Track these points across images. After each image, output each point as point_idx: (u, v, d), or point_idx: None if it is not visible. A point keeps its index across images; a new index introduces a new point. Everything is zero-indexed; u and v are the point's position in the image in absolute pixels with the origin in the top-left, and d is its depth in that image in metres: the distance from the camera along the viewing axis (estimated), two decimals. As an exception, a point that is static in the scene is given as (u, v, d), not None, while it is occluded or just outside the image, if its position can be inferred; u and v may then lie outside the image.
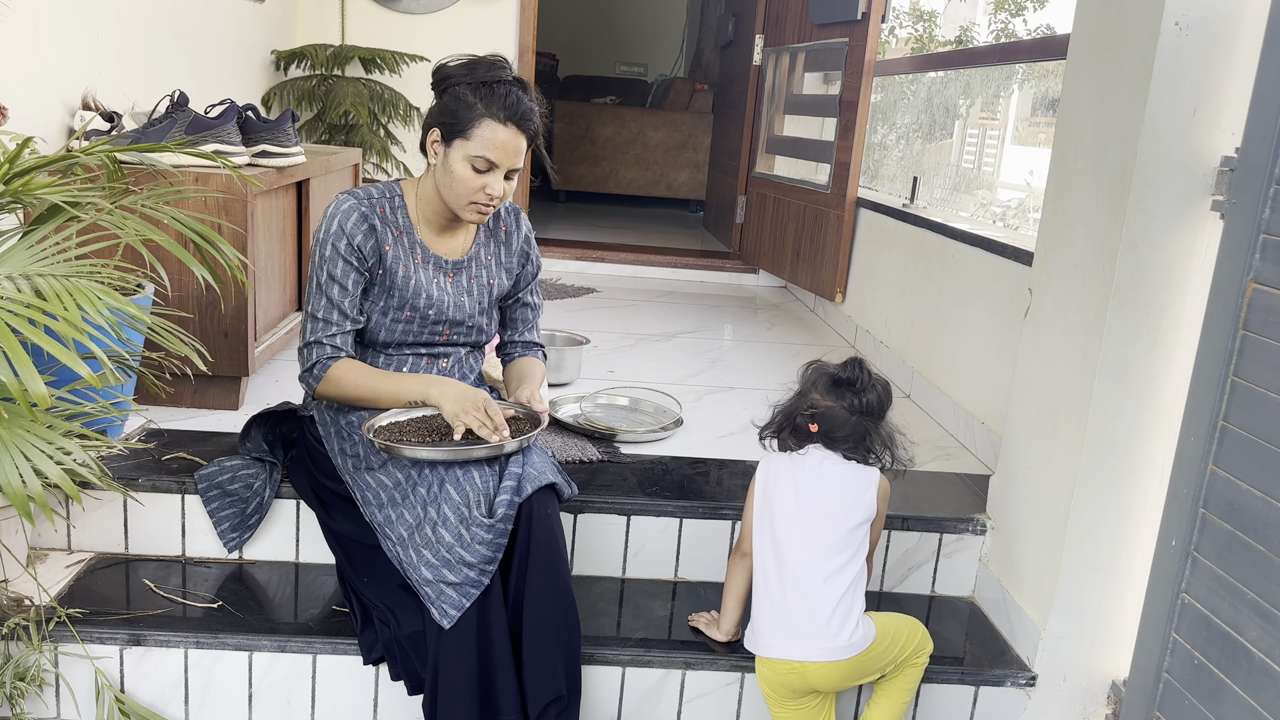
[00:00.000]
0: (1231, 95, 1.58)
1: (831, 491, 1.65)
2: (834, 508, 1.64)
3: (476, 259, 1.86)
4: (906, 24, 7.73)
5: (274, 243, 2.49)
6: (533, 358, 1.98)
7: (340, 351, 1.75)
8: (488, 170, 1.68)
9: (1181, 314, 1.67)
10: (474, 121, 1.66)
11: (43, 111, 2.25)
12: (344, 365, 1.74)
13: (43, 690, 1.71)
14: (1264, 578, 1.40)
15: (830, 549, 1.62)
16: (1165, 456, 1.69)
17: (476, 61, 1.70)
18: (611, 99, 7.22)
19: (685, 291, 4.41)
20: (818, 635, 1.60)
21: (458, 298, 1.82)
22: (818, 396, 1.69)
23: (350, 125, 3.99)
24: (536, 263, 1.95)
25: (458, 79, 1.69)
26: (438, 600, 1.56)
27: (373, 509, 1.68)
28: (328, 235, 1.72)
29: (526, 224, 1.94)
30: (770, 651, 1.64)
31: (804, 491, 1.65)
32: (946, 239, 2.90)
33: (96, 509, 1.92)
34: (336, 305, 1.73)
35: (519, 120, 1.68)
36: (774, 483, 1.69)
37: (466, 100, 1.67)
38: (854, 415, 1.67)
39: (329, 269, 1.72)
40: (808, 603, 1.61)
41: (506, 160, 1.69)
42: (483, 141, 1.67)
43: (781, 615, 1.63)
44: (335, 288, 1.73)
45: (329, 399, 1.78)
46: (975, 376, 2.61)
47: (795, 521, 1.65)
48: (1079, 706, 1.84)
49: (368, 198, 1.76)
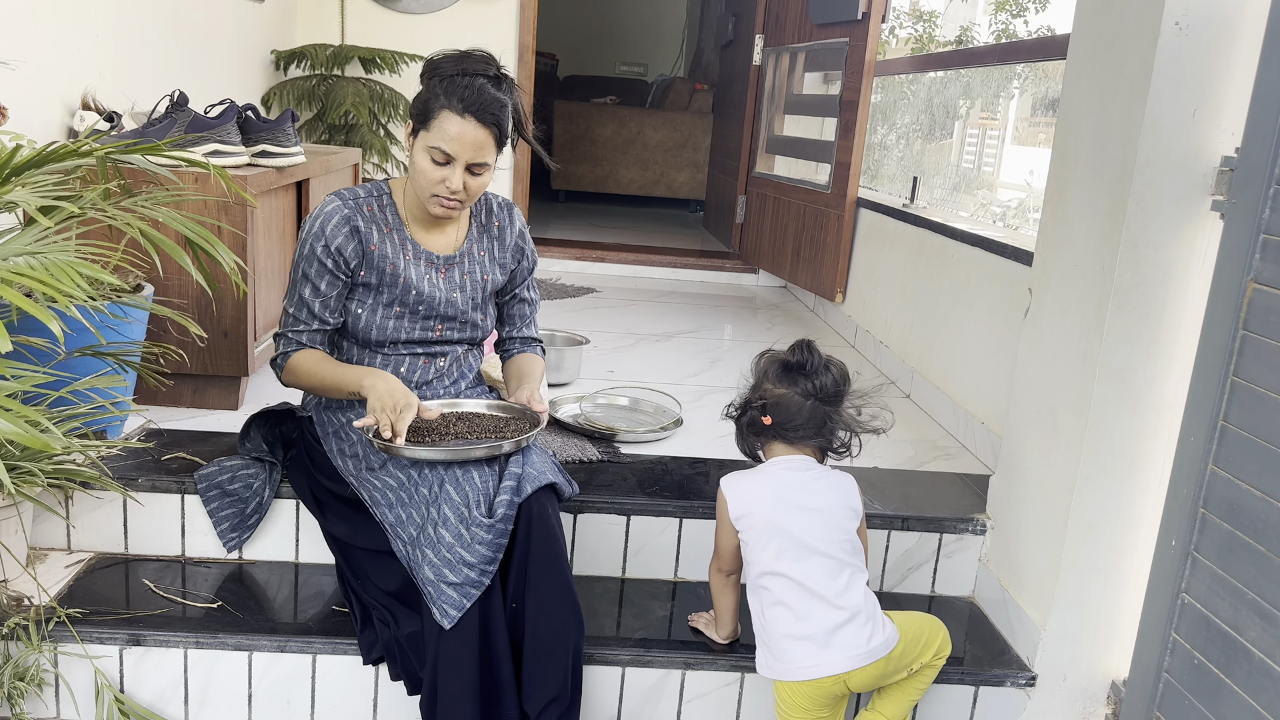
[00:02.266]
0: (1231, 95, 1.58)
1: (824, 506, 1.62)
2: (830, 520, 1.61)
3: (469, 254, 1.85)
4: (906, 24, 7.74)
5: (273, 243, 2.49)
6: (532, 354, 1.98)
7: (303, 347, 1.77)
8: (446, 163, 1.66)
9: (1181, 314, 1.67)
10: (434, 112, 1.65)
11: (43, 111, 2.25)
12: (302, 355, 1.77)
13: (42, 690, 1.71)
14: (1264, 578, 1.40)
15: (839, 556, 1.60)
16: (1165, 456, 1.69)
17: (457, 55, 1.69)
18: (611, 99, 7.22)
19: (685, 291, 4.41)
20: (852, 642, 1.56)
21: (450, 293, 1.82)
22: (770, 386, 1.65)
23: (350, 125, 4.00)
24: (532, 258, 1.95)
25: (432, 71, 1.68)
26: (438, 600, 1.56)
27: (383, 509, 1.68)
28: (308, 235, 1.74)
29: (520, 219, 1.93)
30: (810, 673, 1.57)
31: (796, 510, 1.61)
32: (946, 239, 2.90)
33: (96, 509, 1.92)
34: (307, 304, 1.75)
35: (477, 111, 1.64)
36: (754, 510, 1.63)
37: (433, 91, 1.66)
38: (808, 400, 1.62)
39: (304, 268, 1.74)
40: (836, 613, 1.57)
41: (464, 153, 1.66)
42: (439, 132, 1.65)
43: (813, 634, 1.57)
44: (308, 287, 1.75)
45: (294, 387, 1.82)
46: (975, 376, 2.61)
47: (796, 541, 1.60)
48: (1079, 706, 1.84)
49: (354, 198, 1.76)
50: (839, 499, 1.64)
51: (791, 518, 1.61)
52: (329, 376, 1.74)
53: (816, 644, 1.57)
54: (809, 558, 1.59)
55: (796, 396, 1.63)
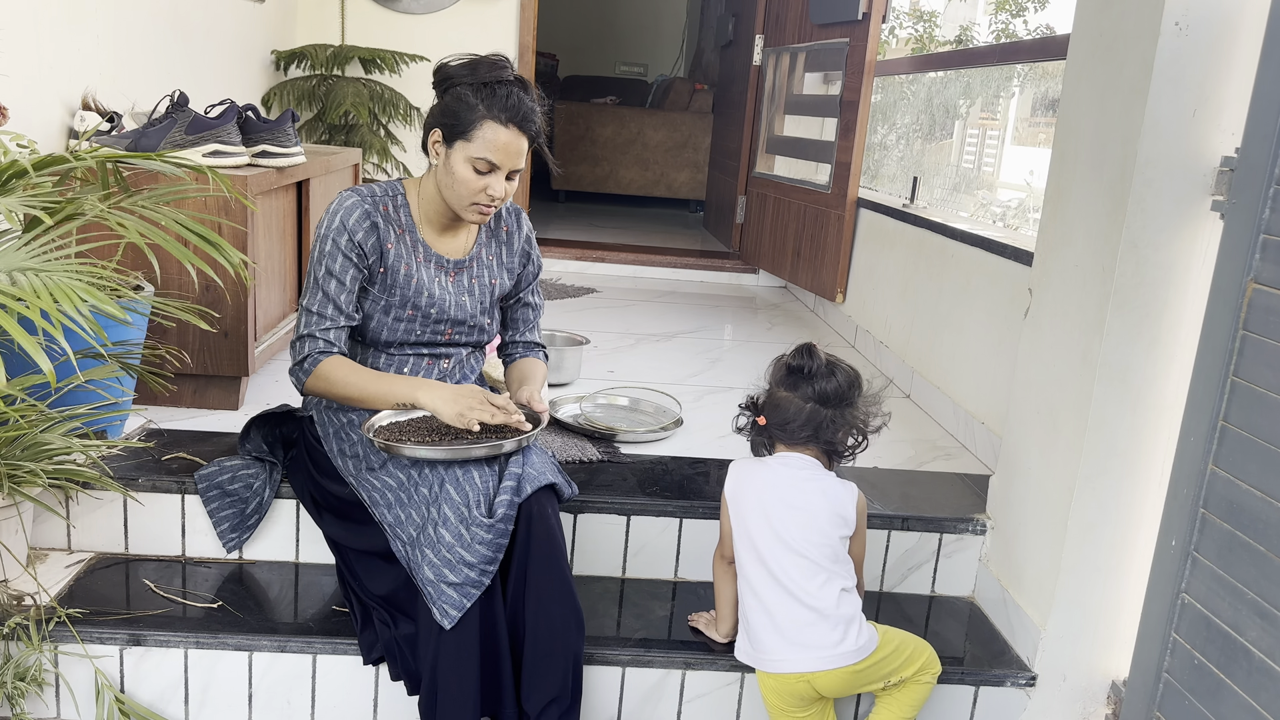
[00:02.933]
0: (1231, 95, 1.58)
1: (809, 508, 1.63)
2: (812, 522, 1.63)
3: (479, 259, 1.86)
4: (906, 24, 7.73)
5: (274, 243, 2.49)
6: (534, 358, 1.98)
7: (333, 347, 1.73)
8: (489, 171, 1.68)
9: (1181, 314, 1.67)
10: (475, 123, 1.66)
11: (43, 111, 2.25)
12: (334, 362, 1.72)
13: (43, 690, 1.71)
14: (1264, 578, 1.40)
15: (817, 560, 1.61)
16: (1165, 456, 1.69)
17: (478, 61, 1.70)
18: (611, 99, 7.22)
19: (685, 291, 4.41)
20: (820, 643, 1.59)
21: (459, 297, 1.82)
22: (774, 388, 1.68)
23: (350, 125, 4.00)
24: (537, 263, 1.95)
25: (459, 79, 1.68)
26: (438, 600, 1.56)
27: (382, 509, 1.68)
28: (329, 230, 1.72)
29: (528, 224, 1.94)
30: (776, 666, 1.62)
31: (780, 505, 1.63)
32: (947, 239, 2.90)
33: (96, 509, 1.92)
34: (332, 300, 1.72)
35: (520, 121, 1.67)
36: (744, 495, 1.67)
37: (468, 101, 1.66)
38: (808, 404, 1.64)
39: (327, 264, 1.72)
40: (805, 612, 1.60)
41: (508, 161, 1.69)
42: (484, 143, 1.66)
43: (782, 628, 1.61)
44: (333, 282, 1.72)
45: (316, 395, 1.76)
46: (975, 376, 2.61)
47: (774, 535, 1.62)
48: (1079, 706, 1.84)
49: (371, 195, 1.76)
50: (826, 504, 1.64)
51: (776, 511, 1.64)
52: (371, 388, 1.70)
53: (784, 639, 1.61)
54: (785, 554, 1.62)
55: (796, 399, 1.65)
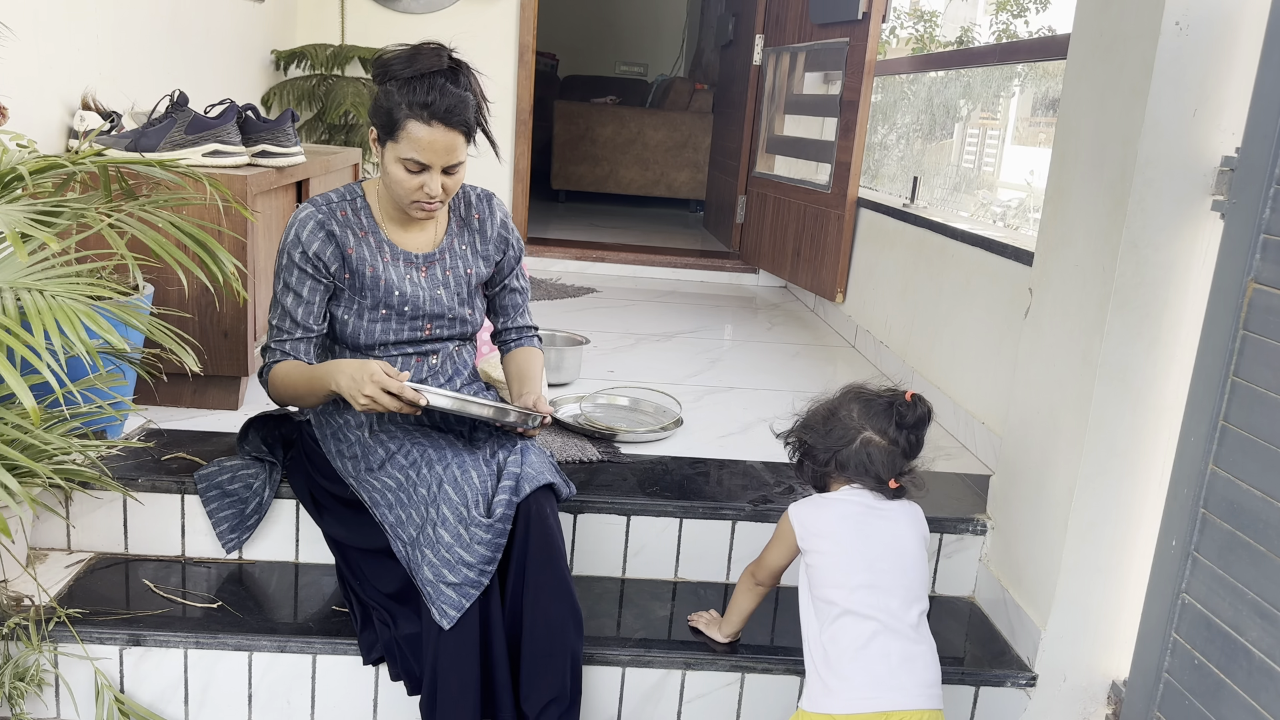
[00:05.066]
0: (1231, 95, 1.58)
1: (903, 536, 1.57)
2: (907, 549, 1.57)
3: (450, 250, 1.84)
4: (907, 24, 7.74)
5: (273, 243, 2.48)
6: (530, 348, 1.96)
7: (288, 358, 1.75)
8: (420, 171, 1.65)
9: (1181, 314, 1.67)
10: (400, 122, 1.62)
11: (42, 111, 2.25)
12: (280, 366, 1.75)
13: (42, 690, 1.71)
14: (1264, 578, 1.40)
15: (917, 593, 1.55)
16: (1165, 456, 1.69)
17: (412, 53, 1.64)
18: (611, 99, 7.22)
19: (685, 291, 4.41)
20: (919, 680, 1.50)
21: (433, 291, 1.81)
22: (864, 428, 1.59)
23: (350, 125, 4.00)
24: (518, 247, 1.91)
25: (389, 74, 1.64)
26: (437, 600, 1.56)
27: (383, 510, 1.68)
28: (285, 245, 1.72)
29: (502, 209, 1.90)
30: (870, 705, 1.48)
31: (879, 539, 1.56)
32: (947, 239, 2.90)
33: (96, 509, 1.92)
34: (289, 314, 1.74)
35: (444, 116, 1.61)
36: (833, 531, 1.58)
37: (394, 99, 1.62)
38: (894, 447, 1.58)
39: (284, 278, 1.73)
40: (908, 650, 1.51)
41: (438, 159, 1.64)
42: (410, 143, 1.62)
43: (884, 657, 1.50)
44: (290, 296, 1.73)
45: (280, 401, 1.80)
46: (975, 376, 2.61)
47: (873, 571, 1.54)
48: (1079, 707, 1.84)
49: (326, 204, 1.75)
50: (914, 529, 1.59)
51: (875, 548, 1.55)
52: (301, 384, 1.71)
53: (885, 670, 1.49)
54: (889, 588, 1.53)
55: (886, 444, 1.58)
